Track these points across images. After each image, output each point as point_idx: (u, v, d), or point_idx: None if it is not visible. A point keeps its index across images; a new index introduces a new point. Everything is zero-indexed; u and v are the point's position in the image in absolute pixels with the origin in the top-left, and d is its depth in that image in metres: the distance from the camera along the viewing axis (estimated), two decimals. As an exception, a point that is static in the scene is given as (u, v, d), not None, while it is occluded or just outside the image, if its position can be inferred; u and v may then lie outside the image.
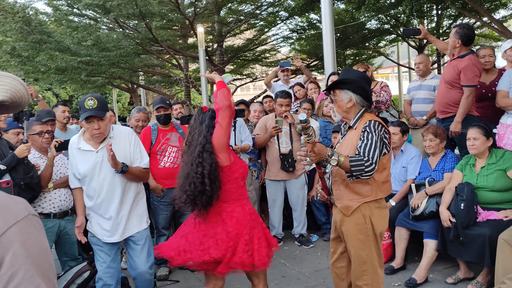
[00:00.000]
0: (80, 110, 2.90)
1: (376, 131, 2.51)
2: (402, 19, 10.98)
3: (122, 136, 3.11)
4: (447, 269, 3.93)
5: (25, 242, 0.74)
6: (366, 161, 2.43)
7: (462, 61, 4.14)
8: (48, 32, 10.81)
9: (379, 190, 2.59)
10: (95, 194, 3.03)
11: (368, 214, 2.58)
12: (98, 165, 2.98)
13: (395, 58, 15.85)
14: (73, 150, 3.03)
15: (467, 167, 3.73)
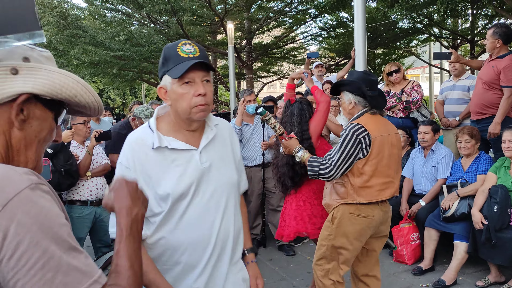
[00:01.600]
0: (168, 63, 1.50)
1: (351, 135, 2.49)
2: (435, 19, 10.76)
3: (226, 131, 1.70)
4: (477, 272, 3.87)
5: (28, 211, 0.74)
6: (323, 163, 2.52)
7: (502, 61, 4.06)
8: (83, 26, 11.12)
9: (356, 194, 2.55)
10: (187, 229, 1.54)
11: (339, 216, 2.60)
12: (205, 177, 1.55)
13: (426, 58, 15.54)
14: (143, 154, 1.53)
15: (501, 170, 3.66)
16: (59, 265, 0.75)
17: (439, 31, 12.50)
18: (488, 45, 4.20)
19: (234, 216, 1.63)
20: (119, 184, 1.06)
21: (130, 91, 26.23)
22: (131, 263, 0.90)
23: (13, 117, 0.85)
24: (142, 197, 1.07)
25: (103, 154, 3.96)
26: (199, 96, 1.47)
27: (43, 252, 0.74)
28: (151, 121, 1.59)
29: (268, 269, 4.22)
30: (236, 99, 9.98)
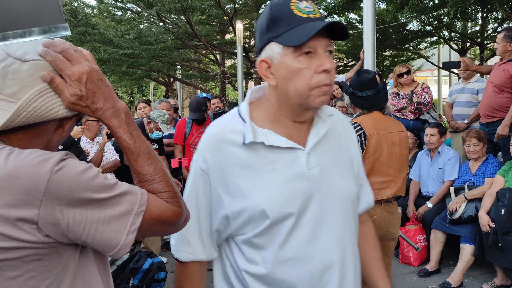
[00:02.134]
0: (277, 25, 1.06)
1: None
2: (445, 21, 10.72)
3: (341, 126, 1.26)
4: (483, 275, 3.87)
5: (65, 198, 0.84)
6: None
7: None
8: (93, 24, 11.20)
9: None
10: (292, 263, 1.11)
11: None
12: (315, 189, 1.12)
13: (435, 60, 15.48)
14: (228, 152, 1.11)
15: (509, 173, 3.66)
16: (112, 202, 0.88)
17: (449, 33, 12.45)
18: (500, 49, 4.19)
19: (353, 246, 1.17)
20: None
21: (138, 89, 26.36)
22: (157, 165, 0.97)
23: (67, 126, 0.97)
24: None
25: (113, 150, 4.02)
26: (323, 72, 1.04)
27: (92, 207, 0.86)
28: (242, 107, 1.15)
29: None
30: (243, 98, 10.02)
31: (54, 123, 0.94)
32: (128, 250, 0.90)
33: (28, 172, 0.82)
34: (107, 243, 0.88)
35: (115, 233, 0.87)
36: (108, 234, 0.87)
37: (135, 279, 3.45)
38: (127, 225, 0.88)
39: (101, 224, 0.87)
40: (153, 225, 0.91)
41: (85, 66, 0.92)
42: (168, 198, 0.94)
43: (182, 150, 4.51)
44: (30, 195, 0.82)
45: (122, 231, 0.88)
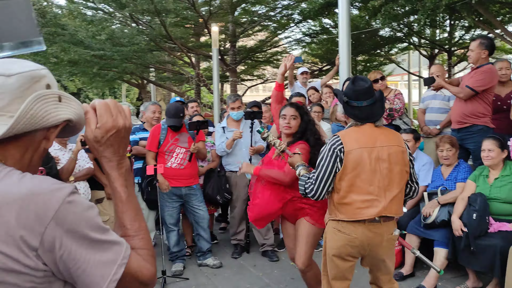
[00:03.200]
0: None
1: (328, 149, 2.43)
2: (415, 28, 11.00)
3: None
4: (456, 278, 3.96)
5: (67, 229, 0.89)
6: (307, 182, 2.49)
7: (481, 68, 4.22)
8: (62, 24, 10.89)
9: (337, 210, 2.47)
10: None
11: (327, 231, 2.61)
12: None
13: (405, 66, 15.86)
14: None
15: (480, 178, 3.76)
16: (102, 246, 0.92)
17: (418, 40, 12.80)
18: (473, 56, 4.26)
19: None
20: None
21: (110, 91, 25.83)
22: (141, 223, 1.06)
23: (51, 137, 1.02)
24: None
25: (86, 158, 3.90)
26: None
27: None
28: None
29: (252, 275, 4.23)
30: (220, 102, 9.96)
31: (42, 133, 0.99)
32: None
33: (41, 198, 0.88)
34: (90, 286, 0.91)
35: (100, 279, 0.91)
36: (93, 278, 0.91)
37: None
38: (111, 273, 0.91)
39: (90, 266, 0.91)
40: (128, 281, 0.95)
41: (120, 122, 1.02)
42: (146, 256, 1.01)
43: (155, 157, 4.39)
44: (37, 221, 0.87)
45: (106, 278, 0.91)
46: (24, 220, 0.86)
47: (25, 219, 0.86)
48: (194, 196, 4.38)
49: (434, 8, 7.36)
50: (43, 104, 0.94)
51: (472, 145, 4.26)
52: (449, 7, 7.84)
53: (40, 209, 0.87)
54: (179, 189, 4.31)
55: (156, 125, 4.49)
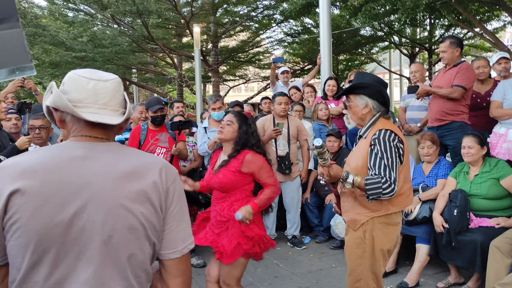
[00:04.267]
0: None
1: (387, 143, 2.32)
2: (395, 27, 11.14)
3: None
4: (438, 274, 4.01)
5: (180, 187, 1.29)
6: (384, 182, 2.25)
7: (458, 67, 4.31)
8: (43, 25, 10.73)
9: (390, 204, 2.39)
10: None
11: (369, 229, 2.41)
12: None
13: (387, 65, 16.04)
14: None
15: (461, 175, 3.82)
16: (188, 220, 1.31)
17: (399, 39, 12.96)
18: (448, 56, 4.35)
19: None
20: None
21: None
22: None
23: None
24: None
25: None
26: None
27: (183, 211, 1.30)
28: None
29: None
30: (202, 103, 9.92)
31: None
32: None
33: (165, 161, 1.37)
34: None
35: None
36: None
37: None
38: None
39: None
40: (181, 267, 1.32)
41: None
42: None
43: None
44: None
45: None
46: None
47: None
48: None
49: (414, 7, 7.47)
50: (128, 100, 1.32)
51: (452, 142, 4.33)
52: (429, 6, 7.97)
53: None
54: None
55: (136, 126, 4.45)
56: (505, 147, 3.95)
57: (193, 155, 5.06)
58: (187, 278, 1.27)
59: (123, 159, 1.21)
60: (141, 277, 1.21)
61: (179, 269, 1.25)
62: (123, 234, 1.15)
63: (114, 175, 1.17)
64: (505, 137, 3.98)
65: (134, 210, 1.16)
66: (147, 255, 1.20)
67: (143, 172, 1.20)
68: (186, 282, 1.27)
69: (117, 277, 1.15)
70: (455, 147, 4.26)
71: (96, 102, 1.21)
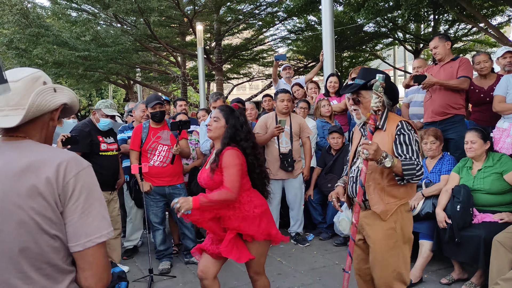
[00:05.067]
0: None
1: (411, 133, 2.47)
2: (399, 23, 11.09)
3: None
4: (441, 270, 3.99)
5: (86, 180, 1.30)
6: (417, 164, 2.37)
7: (457, 61, 4.36)
8: (46, 25, 10.77)
9: (411, 190, 2.56)
10: None
11: (399, 219, 2.50)
12: None
13: (391, 61, 15.97)
14: None
15: (464, 170, 3.79)
16: (98, 213, 1.30)
17: (403, 35, 12.89)
18: (441, 51, 4.43)
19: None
20: None
21: (97, 92, 25.61)
22: None
23: (55, 117, 1.41)
24: None
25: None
26: None
27: (89, 205, 1.29)
28: None
29: (239, 272, 4.21)
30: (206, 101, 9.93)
31: (48, 116, 1.38)
32: None
33: (75, 154, 1.38)
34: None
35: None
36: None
37: (94, 291, 3.33)
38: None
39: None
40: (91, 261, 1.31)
41: None
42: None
43: (138, 156, 4.37)
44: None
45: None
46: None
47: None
48: (178, 195, 4.34)
49: (417, 2, 7.42)
50: (43, 96, 1.33)
51: (455, 135, 4.32)
52: (432, 1, 7.91)
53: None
54: (163, 188, 4.28)
55: (138, 125, 4.46)
56: (509, 142, 3.92)
57: (196, 153, 5.07)
58: (95, 272, 1.27)
59: (24, 156, 1.26)
60: (45, 269, 1.24)
61: (85, 262, 1.26)
62: (11, 229, 1.20)
63: (12, 172, 1.23)
64: (509, 131, 3.96)
65: (24, 206, 1.21)
66: (49, 248, 1.24)
67: (37, 168, 1.24)
68: (96, 276, 1.28)
69: (11, 269, 1.21)
70: (458, 141, 4.25)
71: (8, 104, 1.30)
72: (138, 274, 4.26)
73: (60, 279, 1.27)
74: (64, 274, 1.28)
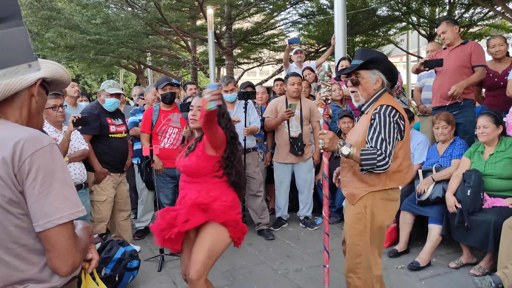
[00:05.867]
0: None
1: (387, 118, 2.32)
2: (413, 7, 10.88)
3: None
4: (450, 254, 4.00)
5: (44, 160, 1.22)
6: (379, 154, 2.26)
7: (467, 46, 4.35)
8: (58, 8, 10.79)
9: (388, 179, 2.41)
10: None
11: (369, 205, 2.42)
12: None
13: (404, 46, 15.72)
14: None
15: (475, 155, 3.76)
16: (58, 194, 1.23)
17: (417, 19, 12.64)
18: (449, 36, 4.42)
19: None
20: None
21: (108, 76, 25.69)
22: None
23: (35, 93, 1.35)
24: None
25: (82, 140, 3.90)
26: None
27: (48, 185, 1.22)
28: None
29: (247, 253, 4.27)
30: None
31: (26, 92, 1.32)
32: None
33: (36, 132, 1.30)
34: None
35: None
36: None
37: (107, 268, 3.40)
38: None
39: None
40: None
41: None
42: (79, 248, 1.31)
43: (149, 138, 4.42)
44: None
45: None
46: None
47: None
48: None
49: (432, -15, 7.26)
50: (10, 75, 1.27)
51: (463, 120, 4.31)
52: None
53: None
54: (173, 170, 4.32)
55: (149, 108, 4.50)
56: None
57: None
58: (58, 253, 1.24)
59: None
60: (15, 250, 1.23)
61: (47, 244, 1.24)
62: None
63: None
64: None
65: None
66: (15, 228, 1.22)
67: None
68: (58, 257, 1.25)
69: None
70: (466, 126, 4.24)
71: None
72: (149, 254, 4.33)
73: (35, 260, 1.26)
74: (39, 255, 1.27)
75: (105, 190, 4.11)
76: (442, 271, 3.68)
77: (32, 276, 1.26)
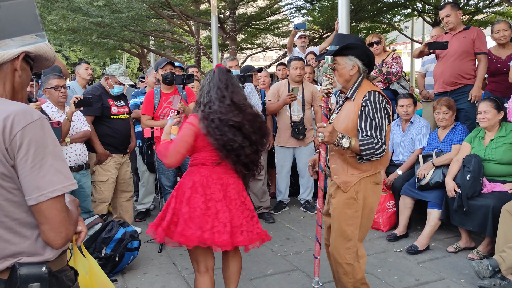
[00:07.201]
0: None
1: (378, 105, 2.35)
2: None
3: None
4: (448, 239, 4.03)
5: (35, 134, 1.22)
6: (376, 143, 2.30)
7: (470, 31, 4.33)
8: (60, -10, 10.71)
9: (378, 163, 2.47)
10: None
11: (362, 189, 2.45)
12: None
13: (409, 33, 15.58)
14: None
15: (476, 140, 3.76)
16: (50, 167, 1.23)
17: (422, 6, 12.50)
18: (453, 20, 4.39)
19: None
20: None
21: (111, 60, 25.62)
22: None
23: (18, 68, 1.33)
24: None
25: (84, 121, 3.91)
26: None
27: (40, 159, 1.22)
28: None
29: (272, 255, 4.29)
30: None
31: (8, 66, 1.31)
32: None
33: (26, 106, 1.31)
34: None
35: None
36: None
37: (107, 248, 3.44)
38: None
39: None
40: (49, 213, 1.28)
41: None
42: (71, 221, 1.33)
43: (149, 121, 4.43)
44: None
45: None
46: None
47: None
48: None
49: (438, -30, 7.17)
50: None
51: (465, 105, 4.31)
52: (453, -30, 7.62)
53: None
54: None
55: (150, 90, 4.49)
56: (524, 113, 3.86)
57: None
58: (52, 226, 1.25)
59: None
60: (6, 223, 1.24)
61: (41, 216, 1.24)
62: None
63: None
64: (524, 102, 3.89)
65: None
66: (7, 202, 1.23)
67: None
68: (52, 230, 1.26)
69: None
70: (468, 111, 4.24)
71: None
72: (149, 236, 4.36)
73: (28, 233, 1.27)
74: (31, 228, 1.28)
75: (107, 170, 4.14)
76: (440, 255, 3.71)
77: (24, 249, 1.26)
